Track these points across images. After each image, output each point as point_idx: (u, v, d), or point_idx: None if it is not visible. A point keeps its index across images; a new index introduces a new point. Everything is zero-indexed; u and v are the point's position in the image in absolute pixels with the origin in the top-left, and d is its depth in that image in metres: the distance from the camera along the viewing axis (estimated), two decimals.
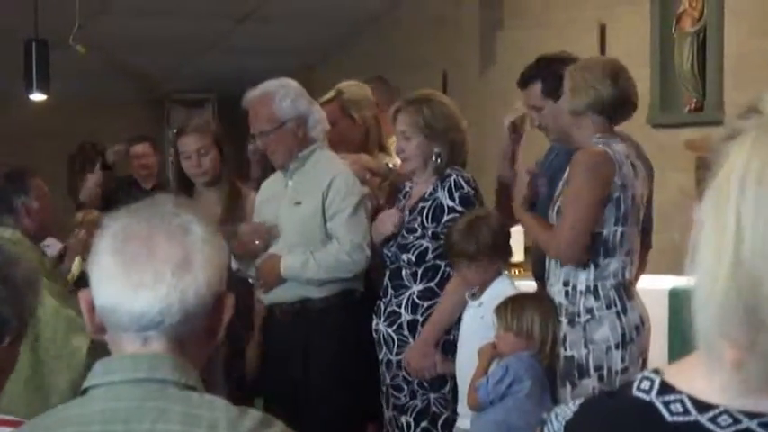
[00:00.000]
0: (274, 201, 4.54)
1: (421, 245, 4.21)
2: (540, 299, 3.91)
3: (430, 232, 4.20)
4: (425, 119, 4.22)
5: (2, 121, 10.04)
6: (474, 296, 4.09)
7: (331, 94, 4.95)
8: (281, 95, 4.44)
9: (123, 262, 1.65)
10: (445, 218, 4.17)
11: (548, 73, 4.14)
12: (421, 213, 4.22)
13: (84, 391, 1.68)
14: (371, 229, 4.38)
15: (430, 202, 4.21)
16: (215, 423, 1.61)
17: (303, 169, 4.48)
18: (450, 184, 4.18)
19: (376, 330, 4.28)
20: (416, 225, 4.23)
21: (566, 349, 3.78)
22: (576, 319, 3.77)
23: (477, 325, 3.98)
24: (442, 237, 4.15)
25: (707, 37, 6.24)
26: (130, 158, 7.22)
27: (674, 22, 6.42)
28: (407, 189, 4.38)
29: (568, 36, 6.76)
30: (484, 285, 4.07)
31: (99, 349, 1.79)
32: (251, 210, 4.68)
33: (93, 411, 1.64)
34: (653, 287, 4.28)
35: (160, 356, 1.66)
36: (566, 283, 3.80)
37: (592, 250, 3.76)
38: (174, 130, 5.06)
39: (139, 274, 1.64)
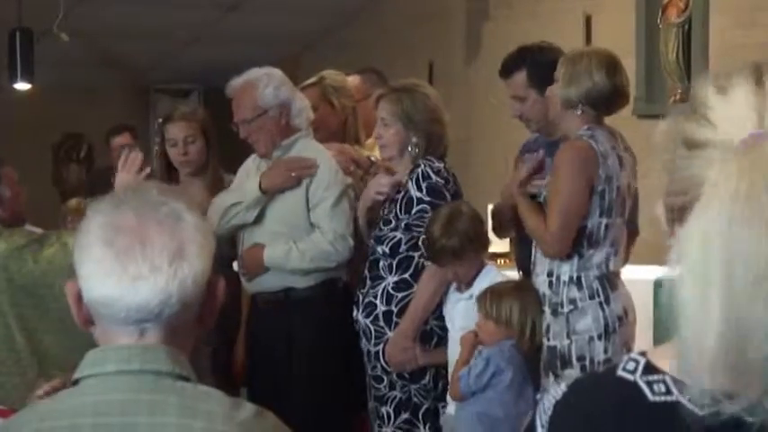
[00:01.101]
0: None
1: (394, 236, 4.21)
2: (520, 287, 3.91)
3: (402, 224, 4.20)
4: (405, 108, 4.22)
5: None
6: (460, 289, 4.09)
7: (313, 79, 4.95)
8: (263, 83, 4.43)
9: (116, 255, 1.62)
10: (414, 209, 4.17)
11: (532, 62, 4.13)
12: (395, 205, 4.23)
13: (76, 382, 1.66)
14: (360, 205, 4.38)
15: (402, 194, 4.21)
16: (211, 415, 1.60)
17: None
18: (418, 175, 4.18)
19: (356, 321, 4.28)
20: (391, 217, 4.23)
21: (549, 339, 3.79)
22: (560, 309, 3.77)
23: (472, 317, 3.97)
24: (413, 228, 4.16)
25: (692, 28, 6.25)
26: (111, 149, 7.19)
27: (660, 13, 6.42)
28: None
29: (554, 27, 6.76)
30: (471, 280, 4.06)
31: None
32: None
33: (86, 403, 1.62)
34: (638, 278, 4.28)
35: (154, 348, 1.65)
36: (550, 274, 3.81)
37: (576, 242, 3.77)
38: (160, 119, 5.03)
39: (136, 267, 1.61)
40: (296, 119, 4.47)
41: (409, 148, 4.24)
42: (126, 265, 1.62)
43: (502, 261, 5.38)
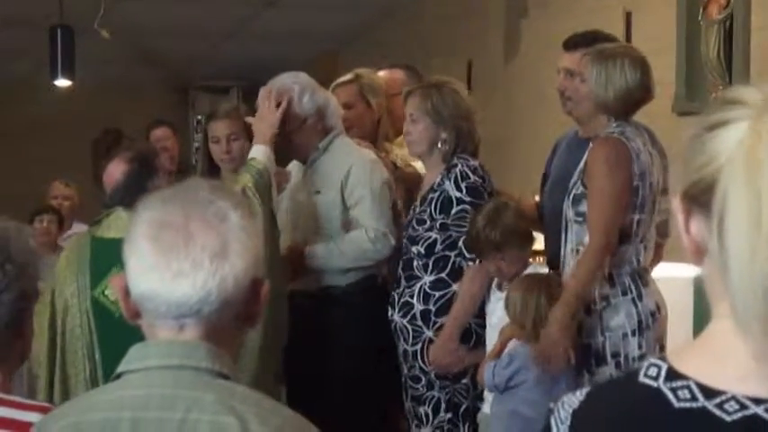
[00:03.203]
0: (294, 189, 4.53)
1: (429, 236, 4.19)
2: (529, 281, 3.87)
3: (438, 224, 4.18)
4: (433, 103, 4.21)
5: (27, 106, 10.09)
6: (502, 287, 4.07)
7: (349, 76, 4.94)
8: (297, 92, 4.43)
9: (161, 250, 1.65)
10: (454, 209, 4.15)
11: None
12: (430, 204, 4.20)
13: (118, 376, 1.69)
14: None
15: (438, 193, 4.19)
16: (245, 415, 1.61)
17: (322, 158, 4.47)
18: (457, 175, 4.16)
19: (392, 321, 4.27)
20: (425, 216, 4.21)
21: (582, 337, 3.77)
22: (592, 306, 3.76)
23: (506, 318, 3.96)
24: (451, 228, 4.14)
25: (733, 25, 6.20)
26: (150, 143, 7.21)
27: (701, 10, 6.37)
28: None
29: (594, 24, 6.70)
30: (513, 276, 4.04)
31: None
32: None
33: (126, 396, 1.65)
34: (677, 275, 4.25)
35: (195, 344, 1.67)
36: None
37: None
38: (199, 117, 5.08)
39: (178, 263, 1.64)
40: (330, 120, 4.48)
41: (438, 145, 4.22)
42: (168, 261, 1.64)
43: (540, 259, 5.35)
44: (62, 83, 8.12)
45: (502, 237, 3.96)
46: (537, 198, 4.40)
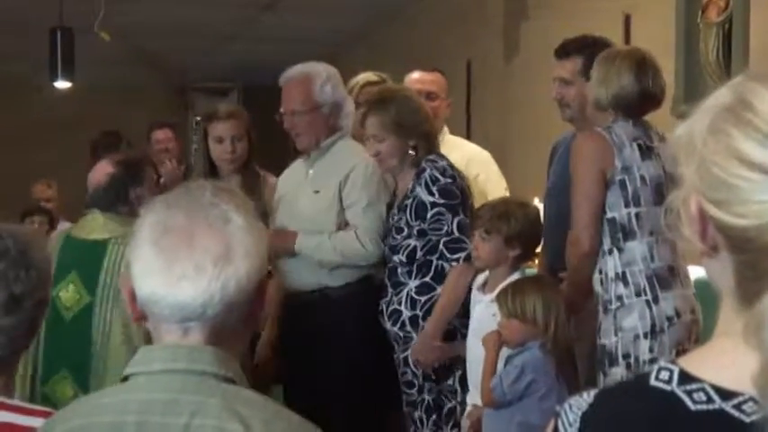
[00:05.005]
0: (295, 189, 4.53)
1: (409, 244, 4.18)
2: (542, 282, 3.85)
3: (416, 230, 4.16)
4: (393, 118, 4.18)
5: (27, 108, 10.10)
6: (484, 289, 4.05)
7: (372, 77, 4.92)
8: (322, 79, 4.43)
9: (164, 253, 1.65)
10: (429, 213, 4.13)
11: (591, 53, 4.10)
12: (405, 212, 4.19)
13: (125, 379, 1.69)
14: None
15: (411, 200, 4.18)
16: (251, 420, 1.60)
17: (324, 158, 4.47)
18: (426, 180, 4.14)
19: (387, 331, 4.27)
20: (403, 224, 4.19)
21: (599, 338, 3.76)
22: (608, 306, 3.74)
23: (490, 321, 3.91)
24: (429, 233, 4.13)
25: (733, 27, 6.20)
26: (152, 144, 7.22)
27: (700, 13, 6.37)
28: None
29: (593, 26, 6.72)
30: (495, 277, 4.01)
31: None
32: (270, 196, 4.68)
33: (131, 400, 1.65)
34: None
35: (201, 348, 1.66)
36: (600, 271, 3.78)
37: (609, 235, 3.74)
38: (198, 117, 5.08)
39: (181, 266, 1.64)
40: (343, 120, 4.47)
41: (409, 152, 4.20)
42: (172, 265, 1.64)
43: (537, 261, 5.34)
44: (62, 84, 8.13)
45: (500, 221, 3.95)
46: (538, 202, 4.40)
